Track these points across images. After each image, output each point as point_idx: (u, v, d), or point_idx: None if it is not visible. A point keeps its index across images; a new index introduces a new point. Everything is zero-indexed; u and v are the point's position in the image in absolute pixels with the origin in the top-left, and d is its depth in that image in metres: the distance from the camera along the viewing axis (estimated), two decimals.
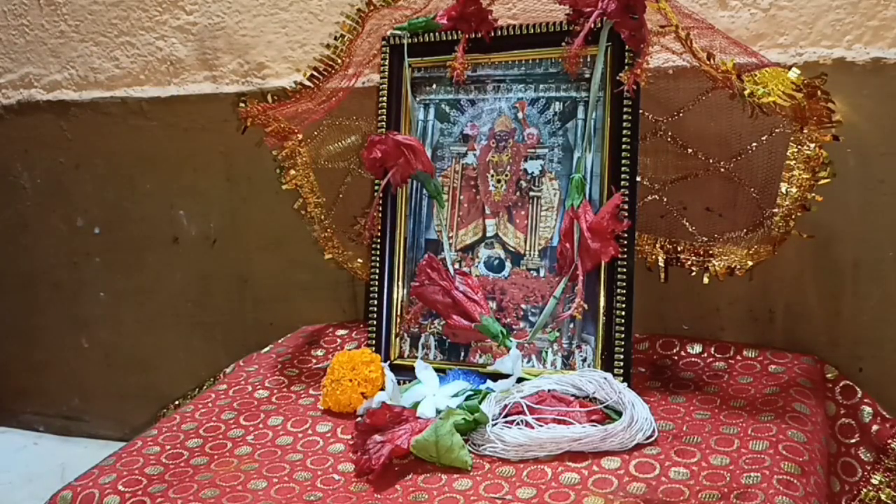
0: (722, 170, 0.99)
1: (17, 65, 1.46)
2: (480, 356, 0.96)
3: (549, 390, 0.84)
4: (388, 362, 0.99)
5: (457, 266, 0.98)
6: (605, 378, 0.84)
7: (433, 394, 0.89)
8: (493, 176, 0.98)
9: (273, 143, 1.08)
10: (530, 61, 0.97)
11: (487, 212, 0.98)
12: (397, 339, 1.01)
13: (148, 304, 1.46)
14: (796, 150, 0.85)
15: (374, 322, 1.02)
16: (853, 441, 0.92)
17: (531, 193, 0.96)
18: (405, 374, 0.96)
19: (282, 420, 0.93)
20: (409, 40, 1.02)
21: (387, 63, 1.03)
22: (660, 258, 1.00)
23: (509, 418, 0.81)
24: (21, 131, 1.49)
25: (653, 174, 1.03)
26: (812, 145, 0.83)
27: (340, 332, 1.18)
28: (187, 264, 1.41)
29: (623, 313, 0.88)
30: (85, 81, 1.42)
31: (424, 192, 1.02)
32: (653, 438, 0.79)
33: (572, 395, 0.83)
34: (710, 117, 0.97)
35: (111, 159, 1.43)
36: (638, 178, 0.90)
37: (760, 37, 1.01)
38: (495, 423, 0.81)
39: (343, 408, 0.93)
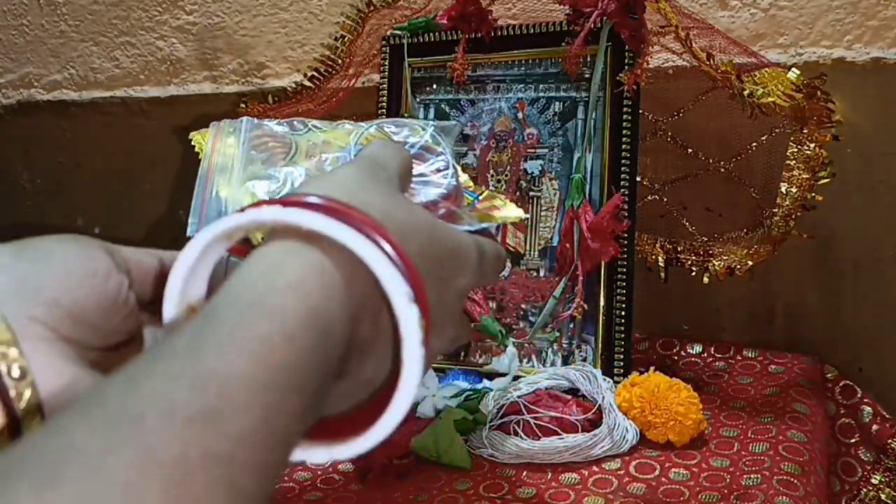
0: (722, 170, 0.99)
1: (17, 65, 1.46)
2: (480, 356, 0.96)
3: (545, 388, 0.84)
4: None
5: None
6: (593, 374, 0.84)
7: (432, 394, 0.89)
8: (492, 176, 0.98)
9: None
10: (530, 61, 0.97)
11: None
12: None
13: None
14: (796, 150, 0.85)
15: None
16: (853, 441, 0.92)
17: (531, 193, 0.96)
18: None
19: None
20: (409, 40, 1.02)
21: (387, 63, 1.03)
22: (660, 258, 1.00)
23: (507, 418, 0.81)
24: (21, 131, 1.49)
25: (653, 174, 1.03)
26: (812, 145, 0.83)
27: None
28: None
29: (623, 313, 0.88)
30: (85, 81, 1.42)
31: None
32: (635, 440, 0.79)
33: (567, 390, 0.84)
34: (710, 117, 0.97)
35: (111, 159, 1.43)
36: (638, 178, 0.90)
37: (760, 37, 1.01)
38: (492, 425, 0.81)
39: None
